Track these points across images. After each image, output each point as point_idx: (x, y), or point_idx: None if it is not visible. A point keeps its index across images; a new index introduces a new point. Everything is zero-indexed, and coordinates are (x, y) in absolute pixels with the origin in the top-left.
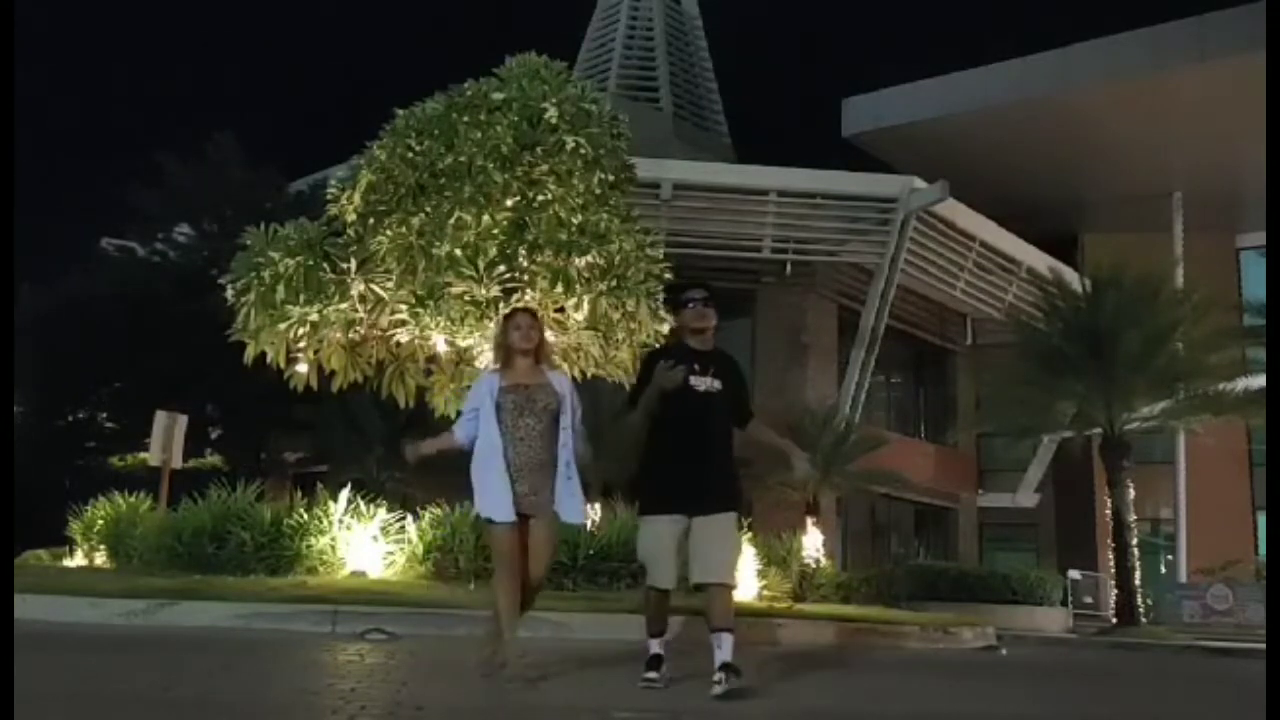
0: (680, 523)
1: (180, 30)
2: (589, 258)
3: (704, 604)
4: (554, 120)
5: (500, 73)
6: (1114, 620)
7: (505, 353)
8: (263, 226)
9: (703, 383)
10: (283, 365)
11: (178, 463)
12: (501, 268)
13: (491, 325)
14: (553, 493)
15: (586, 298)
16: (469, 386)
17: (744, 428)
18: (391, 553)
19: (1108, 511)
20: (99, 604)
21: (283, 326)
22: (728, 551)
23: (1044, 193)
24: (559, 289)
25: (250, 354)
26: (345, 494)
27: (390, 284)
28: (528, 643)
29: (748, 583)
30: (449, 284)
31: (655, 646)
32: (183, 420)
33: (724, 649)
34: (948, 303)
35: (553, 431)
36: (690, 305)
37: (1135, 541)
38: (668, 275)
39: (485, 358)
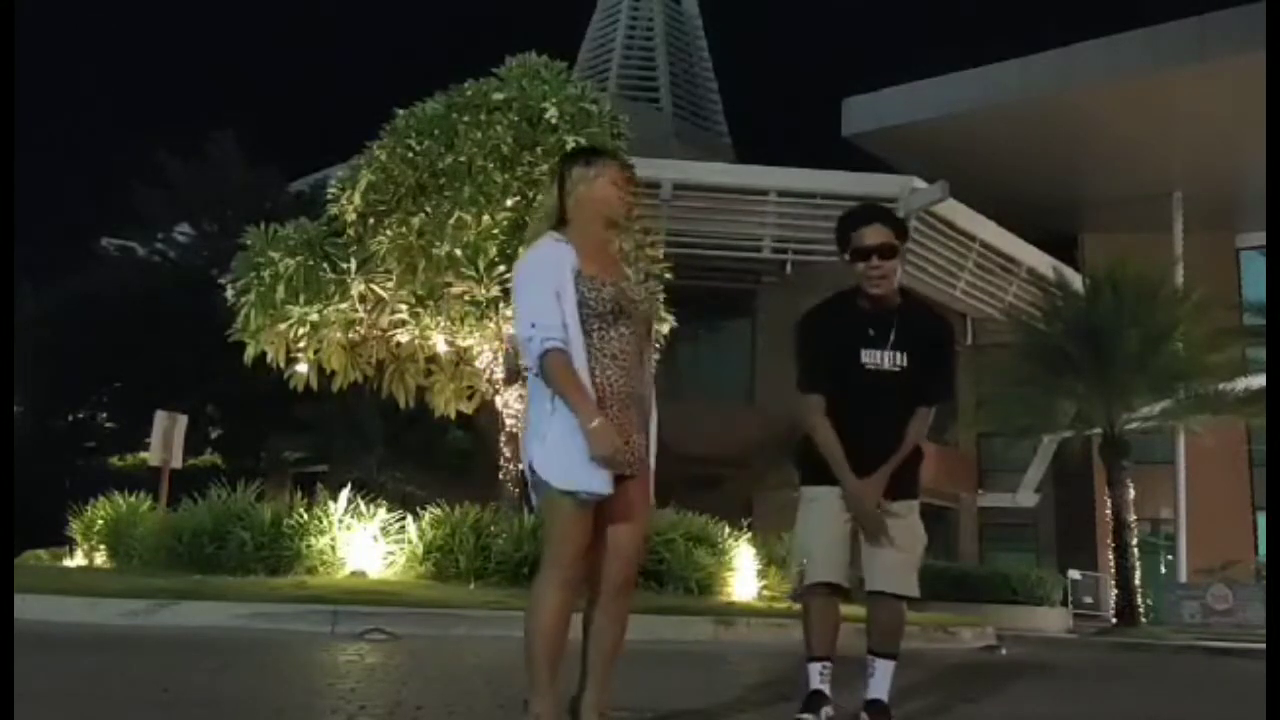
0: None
1: (181, 29)
2: None
3: (867, 615)
4: (554, 120)
5: (500, 73)
6: (1114, 620)
7: (588, 219)
8: (263, 226)
9: (876, 357)
10: (283, 365)
11: (178, 463)
12: (501, 268)
13: (491, 325)
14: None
15: None
16: (469, 386)
17: (915, 408)
18: (391, 553)
19: (1108, 511)
20: (99, 604)
21: (283, 326)
22: (905, 551)
23: (1044, 193)
24: None
25: (250, 354)
26: (345, 494)
27: (390, 284)
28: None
29: (748, 583)
30: (449, 284)
31: (815, 677)
32: (183, 420)
33: (876, 679)
34: (948, 303)
35: (643, 354)
36: (865, 258)
37: (1135, 541)
38: (668, 275)
39: (486, 358)
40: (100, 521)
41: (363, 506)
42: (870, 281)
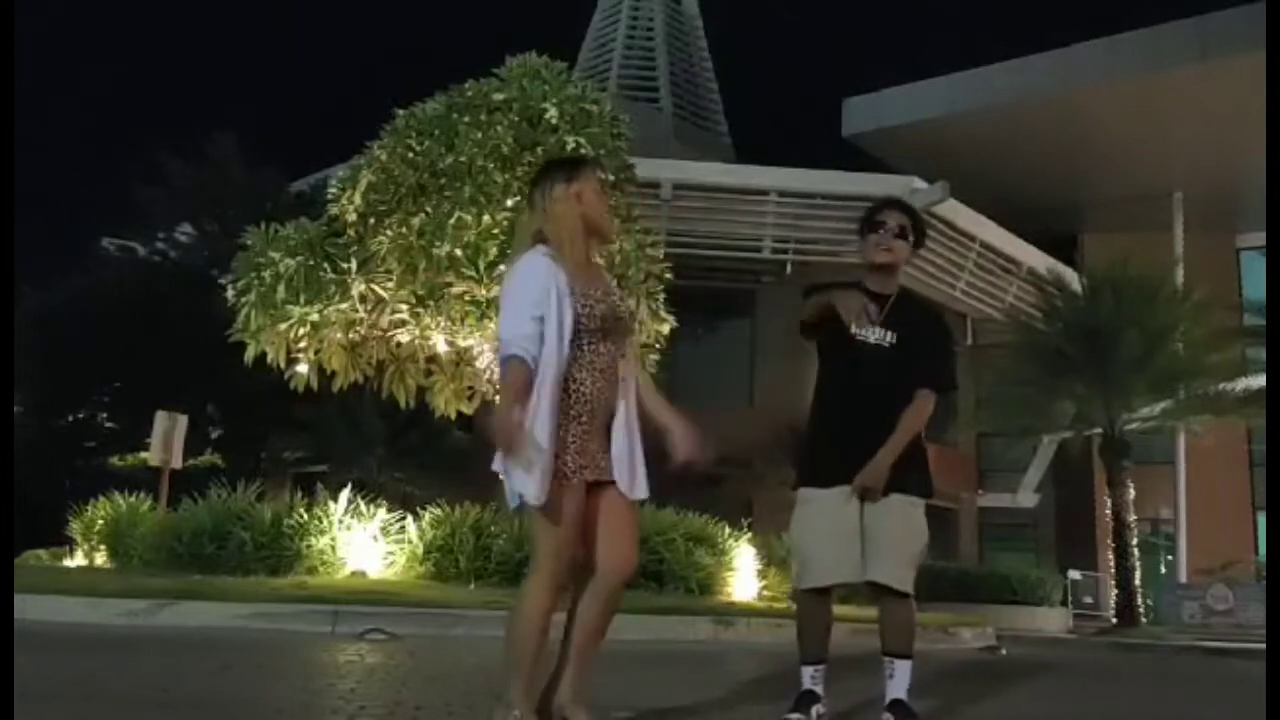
0: (846, 500)
1: (181, 29)
2: None
3: (878, 616)
4: (554, 120)
5: (500, 73)
6: (1114, 620)
7: (576, 230)
8: (263, 226)
9: (873, 333)
10: (283, 365)
11: (178, 463)
12: (501, 268)
13: (491, 325)
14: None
15: None
16: (469, 387)
17: (914, 389)
18: (391, 553)
19: (1108, 511)
20: (99, 604)
21: (283, 326)
22: (902, 546)
23: (1044, 193)
24: None
25: (250, 354)
26: (345, 494)
27: (391, 284)
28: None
29: (748, 583)
30: (449, 284)
31: (806, 678)
32: (183, 421)
33: (895, 680)
34: (948, 303)
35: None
36: (877, 230)
37: (1135, 541)
38: (668, 275)
39: (486, 358)
40: (100, 521)
41: (363, 506)
42: (878, 251)
